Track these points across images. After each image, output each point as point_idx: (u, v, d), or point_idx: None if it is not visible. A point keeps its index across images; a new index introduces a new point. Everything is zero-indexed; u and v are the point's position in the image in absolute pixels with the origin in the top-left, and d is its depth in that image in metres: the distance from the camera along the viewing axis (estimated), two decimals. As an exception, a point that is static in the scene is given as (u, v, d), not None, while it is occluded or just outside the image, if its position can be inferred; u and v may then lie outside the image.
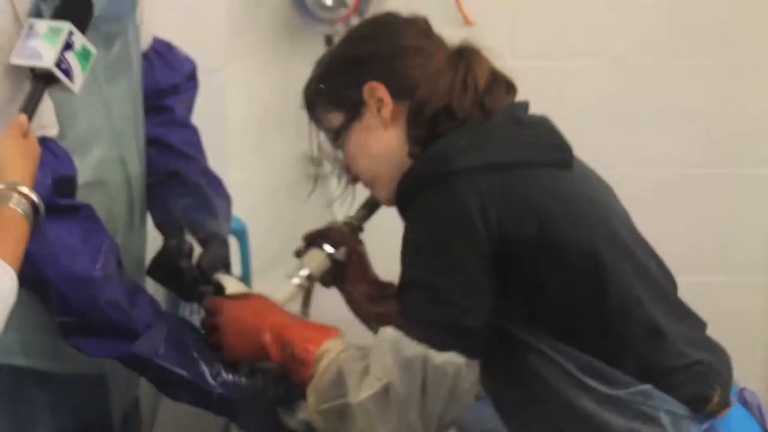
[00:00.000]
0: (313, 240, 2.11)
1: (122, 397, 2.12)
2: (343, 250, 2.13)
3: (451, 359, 1.64)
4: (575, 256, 1.67)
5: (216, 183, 2.20)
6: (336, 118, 1.88)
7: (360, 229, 2.17)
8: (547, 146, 1.76)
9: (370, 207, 2.17)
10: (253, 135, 2.96)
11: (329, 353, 1.77)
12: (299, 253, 2.13)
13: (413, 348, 1.65)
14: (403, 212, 1.75)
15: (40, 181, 1.69)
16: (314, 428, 1.84)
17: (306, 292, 2.13)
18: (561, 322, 1.69)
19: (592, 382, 1.68)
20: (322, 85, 1.89)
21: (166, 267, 2.01)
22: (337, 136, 1.87)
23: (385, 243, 1.96)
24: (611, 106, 3.00)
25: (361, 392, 1.67)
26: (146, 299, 1.91)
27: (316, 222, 2.23)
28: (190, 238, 2.03)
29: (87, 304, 1.80)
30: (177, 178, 2.15)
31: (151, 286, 2.06)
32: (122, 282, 1.85)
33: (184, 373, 1.88)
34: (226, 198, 2.23)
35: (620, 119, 3.02)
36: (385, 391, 1.65)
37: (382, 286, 2.14)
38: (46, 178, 1.74)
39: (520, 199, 1.67)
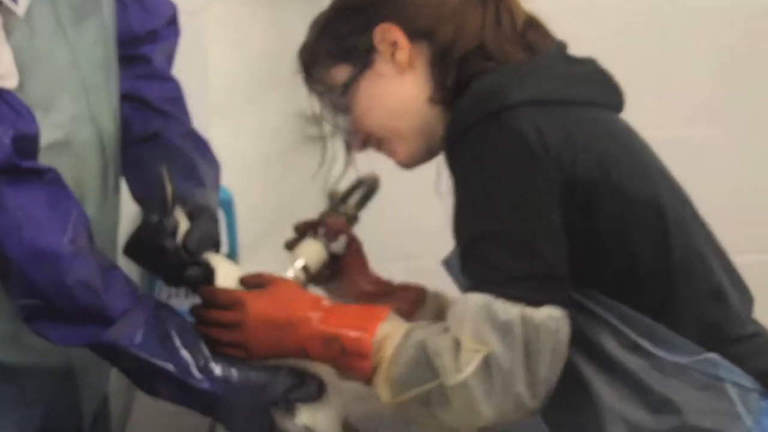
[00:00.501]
0: (305, 231, 2.04)
1: (94, 394, 1.99)
2: (342, 239, 2.05)
3: (551, 314, 1.56)
4: (637, 203, 1.62)
5: (202, 147, 2.08)
6: (341, 73, 1.81)
7: (356, 218, 2.11)
8: (601, 86, 1.73)
9: (365, 193, 2.11)
10: (240, 89, 2.78)
11: (391, 338, 1.66)
12: (290, 245, 2.04)
13: (508, 309, 1.55)
14: (454, 161, 1.68)
15: None
16: None
17: (301, 286, 1.99)
18: (617, 279, 1.63)
19: (651, 348, 1.62)
20: (322, 40, 1.82)
21: (147, 245, 1.85)
22: (344, 92, 1.80)
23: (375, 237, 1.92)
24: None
25: (462, 370, 1.56)
26: (122, 279, 1.77)
27: (314, 193, 2.10)
28: (176, 212, 1.87)
29: (53, 284, 1.66)
30: (156, 140, 2.02)
31: (125, 266, 1.89)
32: (94, 259, 1.70)
33: (164, 364, 1.73)
34: (215, 164, 2.09)
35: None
36: (486, 364, 1.55)
37: (382, 284, 2.09)
38: (4, 137, 1.62)
39: (580, 138, 1.62)
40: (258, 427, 1.78)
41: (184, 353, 1.76)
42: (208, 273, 1.88)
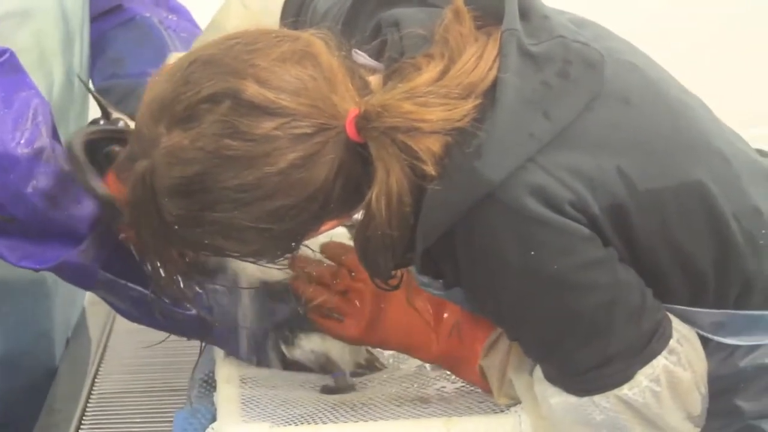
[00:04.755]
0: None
1: (69, 307, 1.94)
2: None
3: (639, 383, 1.41)
4: (672, 196, 1.40)
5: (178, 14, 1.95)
6: None
7: None
8: (580, 75, 1.38)
9: None
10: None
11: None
12: None
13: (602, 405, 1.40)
14: (465, 280, 1.40)
15: None
16: (330, 360, 1.66)
17: None
18: (686, 285, 1.43)
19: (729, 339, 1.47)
20: None
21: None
22: None
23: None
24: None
25: None
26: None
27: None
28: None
29: (8, 193, 1.51)
30: (119, 13, 1.89)
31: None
32: (59, 163, 1.54)
33: (144, 289, 1.57)
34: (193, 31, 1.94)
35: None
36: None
37: None
38: None
39: (587, 164, 1.36)
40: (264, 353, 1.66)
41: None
42: None
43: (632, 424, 1.41)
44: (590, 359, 1.39)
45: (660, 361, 1.39)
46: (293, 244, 1.37)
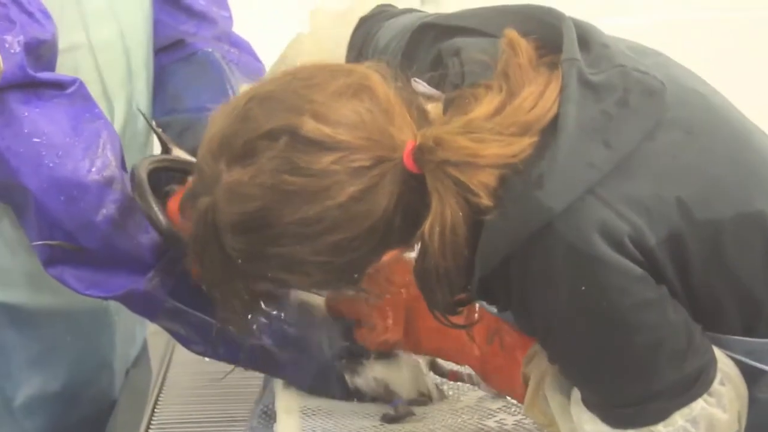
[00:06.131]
0: None
1: (130, 338, 1.93)
2: None
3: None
4: (731, 225, 1.38)
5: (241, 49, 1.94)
6: None
7: None
8: (640, 104, 1.36)
9: None
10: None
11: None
12: None
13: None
14: (509, 306, 1.39)
15: (6, 49, 1.49)
16: (390, 389, 1.65)
17: None
18: (736, 313, 1.40)
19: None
20: None
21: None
22: None
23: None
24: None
25: None
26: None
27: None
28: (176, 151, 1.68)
29: (77, 222, 1.54)
30: (180, 48, 1.89)
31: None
32: (127, 191, 1.56)
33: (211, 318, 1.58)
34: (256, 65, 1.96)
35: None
36: None
37: None
38: (14, 44, 1.51)
39: (643, 198, 1.35)
40: (328, 384, 1.66)
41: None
42: None
43: None
44: (630, 396, 1.37)
45: (699, 403, 1.38)
46: (355, 275, 1.38)
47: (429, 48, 1.47)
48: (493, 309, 1.49)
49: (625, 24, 1.97)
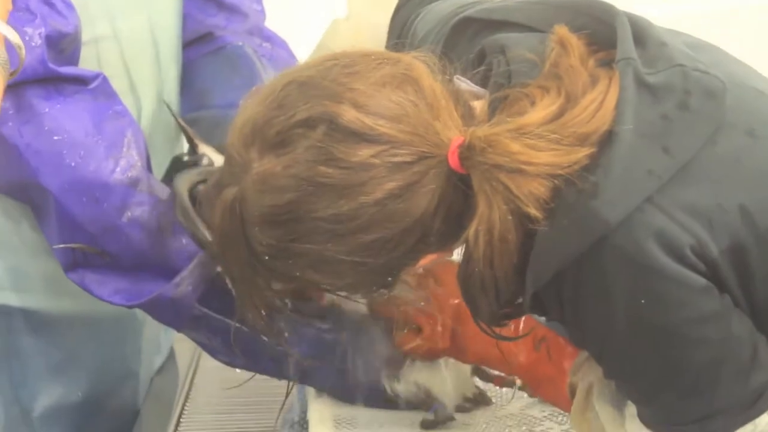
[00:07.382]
0: None
1: (155, 346, 1.90)
2: None
3: None
4: None
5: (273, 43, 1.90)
6: None
7: None
8: (701, 106, 1.31)
9: None
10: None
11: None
12: None
13: None
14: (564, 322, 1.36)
15: (26, 42, 1.44)
16: (432, 394, 1.62)
17: None
18: None
19: None
20: None
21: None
22: None
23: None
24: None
25: None
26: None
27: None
28: (204, 150, 1.68)
29: (100, 225, 1.51)
30: (209, 41, 1.86)
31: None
32: (154, 194, 1.54)
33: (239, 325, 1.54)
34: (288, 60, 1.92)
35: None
36: None
37: None
38: (34, 36, 1.48)
39: (704, 207, 1.30)
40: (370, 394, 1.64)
41: None
42: None
43: None
44: (691, 413, 1.34)
45: (763, 419, 1.34)
46: (389, 279, 1.33)
47: (470, 41, 1.43)
48: (542, 318, 1.45)
49: (652, 14, 1.92)
